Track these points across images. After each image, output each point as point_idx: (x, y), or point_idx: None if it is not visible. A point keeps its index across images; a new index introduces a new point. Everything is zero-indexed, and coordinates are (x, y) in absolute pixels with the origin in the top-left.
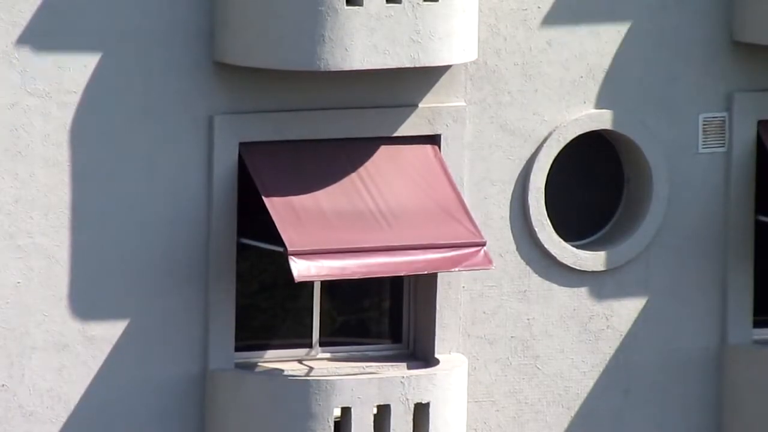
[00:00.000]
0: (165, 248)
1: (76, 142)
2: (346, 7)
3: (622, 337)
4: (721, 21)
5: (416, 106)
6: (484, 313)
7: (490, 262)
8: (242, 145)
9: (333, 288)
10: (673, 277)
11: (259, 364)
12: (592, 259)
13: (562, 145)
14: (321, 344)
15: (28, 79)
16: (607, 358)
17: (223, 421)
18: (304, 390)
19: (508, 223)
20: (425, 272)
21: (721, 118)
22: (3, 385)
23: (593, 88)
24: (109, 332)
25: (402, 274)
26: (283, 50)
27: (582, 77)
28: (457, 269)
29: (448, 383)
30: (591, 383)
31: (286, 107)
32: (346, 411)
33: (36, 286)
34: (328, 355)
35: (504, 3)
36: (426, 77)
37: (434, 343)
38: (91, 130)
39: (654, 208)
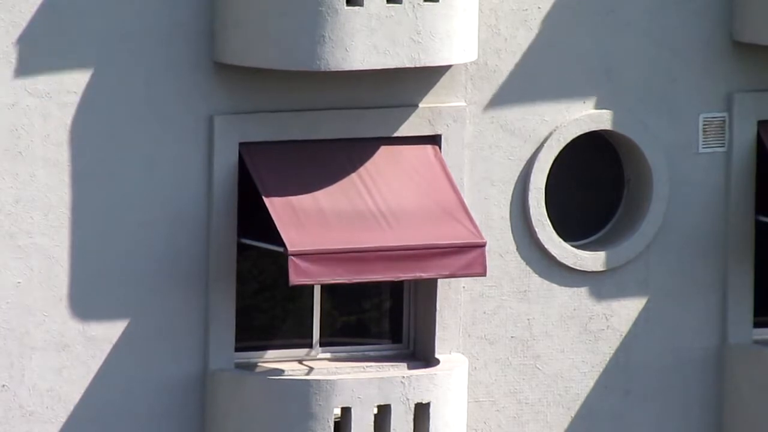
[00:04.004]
0: (165, 248)
1: (76, 142)
2: (346, 8)
3: (622, 337)
4: (721, 21)
5: (416, 106)
6: (485, 313)
7: (483, 269)
8: (242, 145)
9: (333, 288)
10: (673, 277)
11: (259, 364)
12: (592, 259)
13: (563, 145)
14: (321, 344)
15: (28, 79)
16: (607, 359)
17: (223, 421)
18: (304, 390)
19: (508, 223)
20: (422, 278)
21: (721, 118)
22: (3, 385)
23: (593, 88)
24: (109, 332)
25: (396, 280)
26: (283, 50)
27: (582, 77)
28: (447, 273)
29: (449, 383)
30: (591, 383)
31: (286, 107)
32: (346, 411)
33: (36, 286)
34: (328, 355)
35: (504, 3)
36: (426, 77)
37: (434, 343)
38: (91, 130)
39: (654, 208)
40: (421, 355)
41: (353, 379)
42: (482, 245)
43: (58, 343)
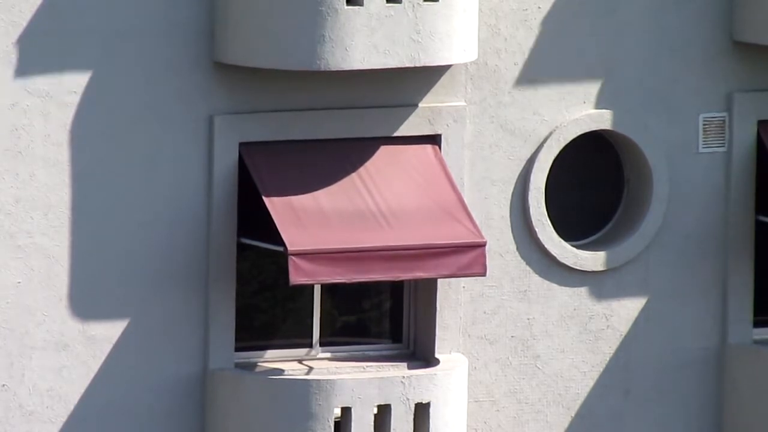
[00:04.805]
0: (165, 248)
1: (76, 142)
2: (346, 7)
3: (622, 337)
4: (721, 21)
5: (416, 106)
6: (485, 313)
7: (483, 269)
8: (242, 145)
9: (333, 288)
10: (673, 277)
11: (259, 364)
12: (592, 259)
13: (562, 145)
14: (321, 344)
15: (28, 79)
16: (607, 358)
17: (223, 421)
18: (304, 390)
19: (508, 223)
20: (422, 278)
21: (721, 118)
22: (3, 385)
23: (593, 88)
24: (109, 332)
25: (396, 280)
26: (283, 50)
27: (582, 77)
28: (447, 273)
29: (449, 383)
30: (591, 383)
31: (286, 107)
32: (346, 411)
33: (36, 286)
34: (328, 355)
35: (504, 3)
36: (426, 77)
37: (434, 343)
38: (91, 130)
39: (654, 208)
40: (421, 355)
41: (353, 379)
42: (482, 245)
43: (58, 343)
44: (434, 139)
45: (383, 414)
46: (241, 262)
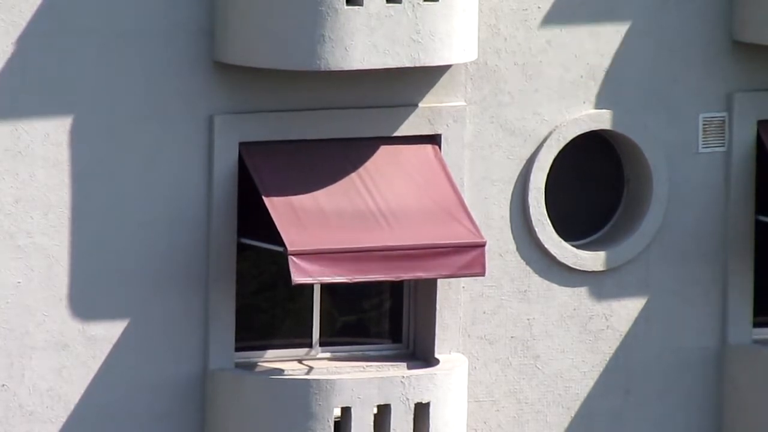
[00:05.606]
0: (165, 248)
1: (76, 142)
2: (346, 7)
3: (622, 337)
4: (721, 21)
5: (416, 106)
6: (484, 313)
7: (483, 269)
8: (242, 145)
9: (333, 288)
10: (673, 277)
11: (259, 364)
12: (592, 259)
13: (562, 145)
14: (321, 344)
15: (28, 79)
16: (607, 358)
17: (223, 422)
18: (304, 390)
19: (508, 223)
20: (422, 277)
21: (721, 118)
22: (3, 385)
23: (593, 88)
24: (109, 332)
25: (397, 279)
26: (283, 50)
27: (582, 77)
28: (447, 273)
29: (449, 383)
30: (591, 383)
31: (286, 107)
32: (346, 411)
33: (36, 286)
34: (328, 355)
35: (504, 3)
36: (426, 77)
37: (434, 343)
38: (91, 129)
39: (654, 208)
40: (421, 355)
41: (353, 379)
42: (482, 245)
43: (58, 343)
44: (434, 139)
45: (383, 414)
46: (241, 262)
